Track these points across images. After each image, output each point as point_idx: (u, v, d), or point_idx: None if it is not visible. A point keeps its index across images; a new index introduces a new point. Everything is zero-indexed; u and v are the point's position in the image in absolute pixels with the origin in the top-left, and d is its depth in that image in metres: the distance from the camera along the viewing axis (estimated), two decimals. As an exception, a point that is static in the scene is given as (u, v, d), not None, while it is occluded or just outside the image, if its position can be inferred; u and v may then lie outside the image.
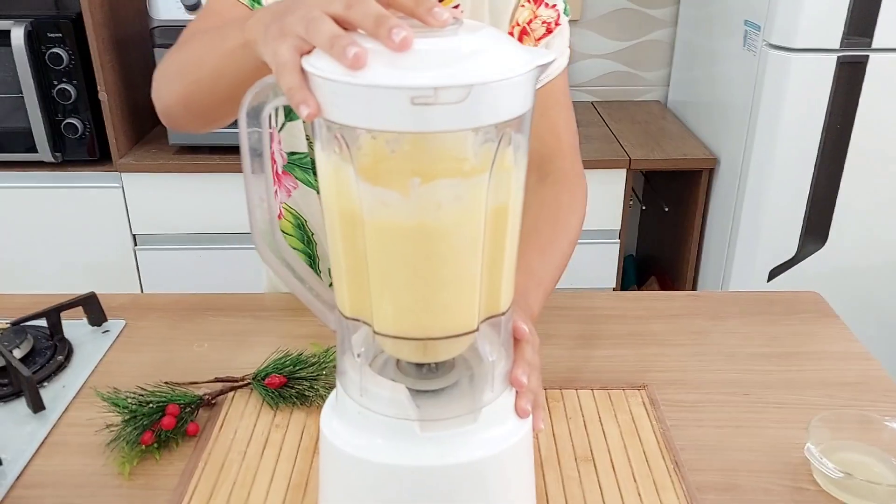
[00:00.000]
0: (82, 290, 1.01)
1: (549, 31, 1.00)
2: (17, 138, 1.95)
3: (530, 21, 0.99)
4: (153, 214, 2.05)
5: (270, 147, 0.59)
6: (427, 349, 0.59)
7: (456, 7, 0.96)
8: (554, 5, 1.00)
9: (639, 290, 2.61)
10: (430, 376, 0.62)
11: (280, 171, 1.09)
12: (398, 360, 0.62)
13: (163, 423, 0.79)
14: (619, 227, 2.14)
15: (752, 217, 1.96)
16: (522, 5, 0.99)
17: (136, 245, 2.08)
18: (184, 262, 2.10)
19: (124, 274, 2.09)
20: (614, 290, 2.26)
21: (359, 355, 0.61)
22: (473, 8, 0.97)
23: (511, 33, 0.99)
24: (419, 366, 0.61)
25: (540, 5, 0.99)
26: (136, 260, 2.09)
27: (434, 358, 0.60)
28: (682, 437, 0.83)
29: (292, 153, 1.05)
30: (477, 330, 0.58)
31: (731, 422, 0.85)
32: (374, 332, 0.58)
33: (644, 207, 2.51)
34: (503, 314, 0.60)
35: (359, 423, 0.61)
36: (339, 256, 0.57)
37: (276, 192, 1.09)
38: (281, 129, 1.06)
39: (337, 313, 0.61)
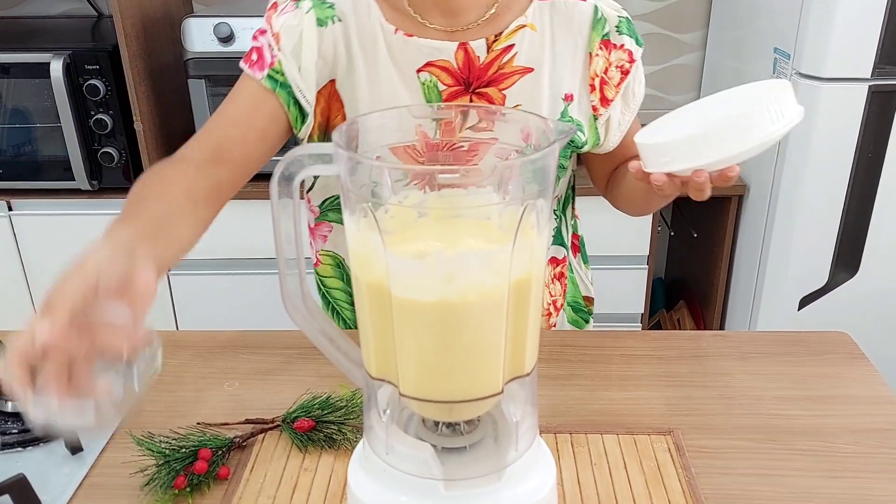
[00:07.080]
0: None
1: (626, 72, 1.01)
2: (54, 166, 2.00)
3: (606, 69, 1.00)
4: (186, 240, 2.08)
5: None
6: (452, 410, 0.61)
7: (515, 72, 0.98)
8: (622, 45, 1.00)
9: (667, 313, 2.60)
10: (455, 433, 0.63)
11: (312, 226, 1.11)
12: (423, 417, 0.64)
13: (195, 468, 0.81)
14: (647, 253, 2.14)
15: (782, 245, 1.94)
16: (596, 55, 0.99)
17: (168, 270, 2.11)
18: (217, 287, 2.13)
19: (158, 299, 2.12)
20: (642, 315, 2.25)
21: (385, 411, 0.62)
22: (530, 58, 0.97)
23: (592, 86, 1.00)
24: (445, 423, 0.63)
25: (611, 51, 1.00)
26: (170, 285, 2.13)
27: (459, 417, 0.62)
28: (707, 485, 0.83)
29: (324, 201, 1.08)
30: (501, 392, 0.59)
31: (757, 469, 0.85)
32: (401, 395, 0.59)
33: (672, 233, 2.50)
34: (528, 375, 0.62)
35: (384, 479, 0.62)
36: (365, 321, 0.58)
37: (311, 243, 1.12)
38: (310, 188, 1.09)
39: (364, 372, 0.62)
